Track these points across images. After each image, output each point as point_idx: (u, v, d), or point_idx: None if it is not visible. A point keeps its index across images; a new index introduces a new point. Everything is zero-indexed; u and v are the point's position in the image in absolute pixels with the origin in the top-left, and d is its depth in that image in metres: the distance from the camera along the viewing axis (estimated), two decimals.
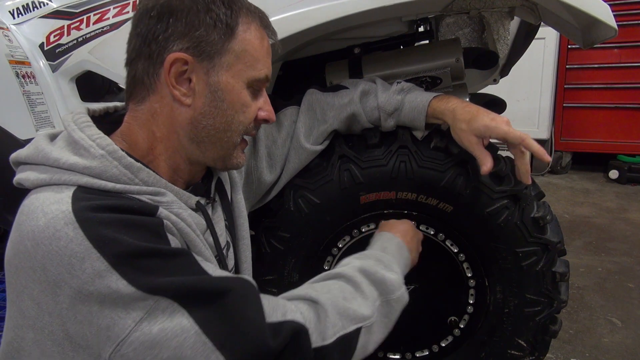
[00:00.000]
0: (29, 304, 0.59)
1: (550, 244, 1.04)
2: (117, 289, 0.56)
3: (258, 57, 0.74)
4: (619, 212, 3.08)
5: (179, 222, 0.69)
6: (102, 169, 0.64)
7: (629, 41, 3.54)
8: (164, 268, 0.59)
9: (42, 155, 0.65)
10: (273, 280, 1.12)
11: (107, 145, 0.65)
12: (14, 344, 0.62)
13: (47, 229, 0.57)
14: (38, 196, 0.62)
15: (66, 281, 0.56)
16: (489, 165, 0.90)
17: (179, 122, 0.72)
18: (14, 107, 1.25)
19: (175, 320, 0.58)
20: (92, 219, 0.57)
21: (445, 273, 1.13)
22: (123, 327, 0.57)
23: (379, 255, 0.86)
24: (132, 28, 0.72)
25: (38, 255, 0.57)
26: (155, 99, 0.71)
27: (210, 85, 0.71)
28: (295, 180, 1.07)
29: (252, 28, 0.73)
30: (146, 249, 0.58)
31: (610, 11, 1.00)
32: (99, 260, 0.56)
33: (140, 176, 0.67)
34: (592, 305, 1.98)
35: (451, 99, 0.96)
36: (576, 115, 3.86)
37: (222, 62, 0.71)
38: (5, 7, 1.38)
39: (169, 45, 0.68)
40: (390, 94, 1.00)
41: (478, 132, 0.90)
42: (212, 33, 0.69)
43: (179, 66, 0.69)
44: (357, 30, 1.21)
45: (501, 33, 1.21)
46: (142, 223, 0.61)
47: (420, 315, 1.01)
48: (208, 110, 0.72)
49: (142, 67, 0.70)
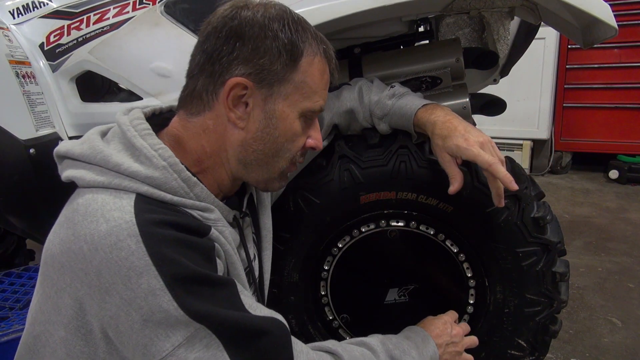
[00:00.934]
0: (70, 302, 0.60)
1: (550, 244, 1.04)
2: (167, 309, 0.57)
3: (316, 89, 0.75)
4: (619, 212, 3.08)
5: (225, 244, 0.70)
6: (163, 180, 0.65)
7: (629, 41, 3.53)
8: (212, 297, 0.61)
9: (100, 157, 0.65)
10: (273, 280, 1.12)
11: (168, 157, 0.66)
12: (41, 338, 0.63)
13: (109, 236, 0.58)
14: (95, 198, 0.62)
15: (118, 291, 0.57)
16: (456, 185, 0.90)
17: (230, 143, 0.73)
18: (14, 107, 1.25)
19: (211, 351, 0.60)
20: (155, 235, 0.58)
21: (445, 273, 1.13)
22: (160, 349, 0.58)
23: (401, 339, 0.89)
24: (198, 42, 0.73)
25: (95, 260, 0.57)
26: (211, 116, 0.72)
27: (266, 112, 0.72)
28: (295, 180, 1.07)
29: (316, 61, 0.73)
30: (200, 274, 0.60)
31: (610, 11, 1.00)
32: (155, 279, 0.57)
33: (195, 191, 0.69)
34: (592, 305, 1.98)
35: (436, 110, 0.95)
36: (576, 115, 3.85)
37: (280, 90, 0.71)
38: (5, 7, 1.38)
39: (232, 68, 0.69)
40: (382, 99, 1.00)
41: (450, 150, 0.89)
42: (275, 62, 0.70)
43: (238, 90, 0.70)
44: (357, 30, 1.20)
45: (501, 33, 1.21)
46: (197, 245, 0.63)
47: (420, 316, 1.01)
48: (260, 136, 0.73)
49: (202, 83, 0.71)
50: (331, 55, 0.77)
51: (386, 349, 0.83)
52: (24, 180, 1.24)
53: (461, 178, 0.90)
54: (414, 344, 0.88)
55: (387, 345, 0.84)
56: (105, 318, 0.58)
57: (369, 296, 1.16)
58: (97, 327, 0.60)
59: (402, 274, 1.14)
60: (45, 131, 1.31)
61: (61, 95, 1.34)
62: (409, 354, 0.84)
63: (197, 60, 0.72)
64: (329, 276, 1.15)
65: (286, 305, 1.15)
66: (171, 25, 1.22)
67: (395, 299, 1.14)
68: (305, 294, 1.16)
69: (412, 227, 1.10)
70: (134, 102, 1.24)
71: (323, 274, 1.15)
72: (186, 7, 1.25)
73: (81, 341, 0.61)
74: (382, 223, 1.11)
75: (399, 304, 1.14)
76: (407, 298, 1.14)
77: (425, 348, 0.88)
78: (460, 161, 0.91)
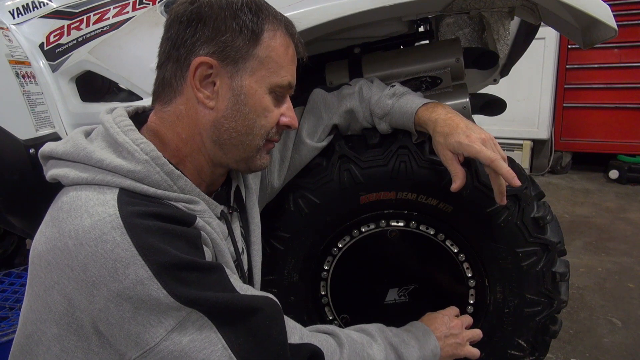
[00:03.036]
0: (59, 299, 0.60)
1: (550, 244, 1.04)
2: (157, 297, 0.57)
3: (282, 64, 0.75)
4: (619, 212, 3.08)
5: (212, 233, 0.71)
6: (145, 174, 0.66)
7: (629, 41, 3.54)
8: (201, 282, 0.61)
9: (83, 154, 0.66)
10: (273, 280, 1.12)
11: (150, 151, 0.67)
12: (33, 336, 0.63)
13: (93, 230, 0.58)
14: (79, 194, 0.63)
15: (106, 283, 0.57)
16: (459, 183, 0.90)
17: (202, 124, 0.73)
18: (14, 107, 1.25)
19: (204, 333, 0.60)
20: (139, 226, 0.59)
21: (445, 273, 1.13)
22: (154, 335, 0.59)
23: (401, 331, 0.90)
24: (164, 32, 0.74)
25: (80, 255, 0.58)
26: (181, 101, 0.73)
27: (233, 89, 0.72)
28: (295, 180, 1.07)
29: (278, 35, 0.74)
30: (187, 261, 0.60)
31: (610, 11, 1.00)
32: (142, 268, 0.57)
33: (179, 184, 0.69)
34: (592, 305, 1.98)
35: (437, 108, 0.95)
36: (576, 115, 3.86)
37: (246, 67, 0.72)
38: (5, 7, 1.38)
39: (195, 50, 0.70)
40: (382, 98, 1.00)
41: (452, 147, 0.89)
42: (237, 39, 0.71)
43: (204, 69, 0.70)
44: (357, 30, 1.21)
45: (501, 33, 1.21)
46: (183, 234, 0.63)
47: (420, 316, 1.01)
48: (230, 114, 0.73)
49: (170, 70, 0.72)
50: (293, 31, 0.78)
51: (385, 336, 0.84)
52: (24, 180, 1.24)
53: (463, 175, 0.90)
54: (414, 335, 0.88)
55: (386, 333, 0.85)
56: (95, 311, 0.58)
57: (369, 296, 1.16)
58: (87, 322, 0.60)
59: (402, 274, 1.14)
60: (45, 131, 1.31)
61: (61, 95, 1.34)
62: (408, 344, 0.85)
63: (163, 49, 0.74)
64: (329, 276, 1.15)
65: (286, 305, 1.15)
66: None
67: (395, 299, 1.14)
68: (305, 294, 1.16)
69: (412, 227, 1.10)
70: (134, 102, 1.24)
71: (323, 274, 1.15)
72: None
73: (74, 336, 0.61)
74: (382, 223, 1.11)
75: (399, 304, 1.14)
76: (407, 298, 1.14)
77: (426, 341, 0.89)
78: (462, 159, 0.91)
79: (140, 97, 1.24)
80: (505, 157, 0.88)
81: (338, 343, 0.77)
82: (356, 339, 0.79)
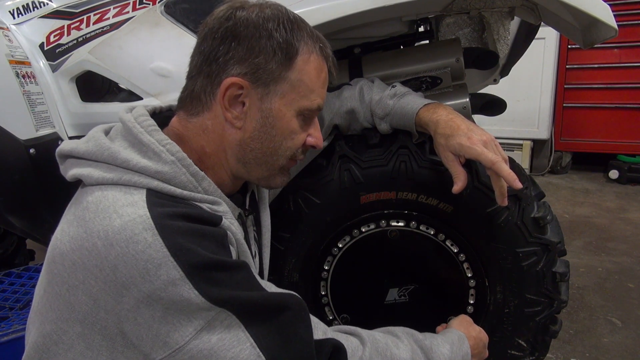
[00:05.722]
0: (84, 299, 0.60)
1: (550, 244, 1.04)
2: (188, 298, 0.58)
3: (313, 87, 0.75)
4: (619, 212, 3.08)
5: (236, 233, 0.71)
6: (173, 175, 0.66)
7: (629, 41, 3.53)
8: (230, 281, 0.62)
9: (107, 154, 0.65)
10: (273, 281, 1.12)
11: (176, 152, 0.67)
12: (52, 336, 0.63)
13: (124, 231, 0.58)
14: (106, 195, 0.62)
15: (136, 284, 0.57)
16: (460, 184, 0.90)
17: (228, 142, 0.73)
18: (14, 107, 1.25)
19: (232, 332, 0.61)
20: (170, 227, 0.59)
21: (445, 273, 1.13)
22: (183, 334, 0.59)
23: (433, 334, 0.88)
24: (196, 44, 0.74)
25: (110, 256, 0.58)
26: (209, 117, 0.73)
27: (262, 111, 0.72)
28: (296, 180, 1.07)
29: (312, 59, 0.73)
30: (216, 261, 0.61)
31: (610, 11, 1.00)
32: (174, 269, 0.57)
33: (203, 185, 0.69)
34: (592, 305, 1.98)
35: (439, 109, 0.95)
36: (576, 115, 3.85)
37: (276, 89, 0.72)
38: (5, 7, 1.38)
39: (227, 68, 0.70)
40: (383, 98, 1.00)
41: (453, 149, 0.89)
42: (270, 61, 0.70)
43: (234, 90, 0.70)
44: (357, 30, 1.21)
45: (501, 33, 1.21)
46: (211, 234, 0.64)
47: (420, 315, 1.01)
48: (257, 135, 0.73)
49: (200, 84, 0.72)
50: (328, 53, 0.77)
51: (415, 339, 0.82)
52: (24, 180, 1.24)
53: (465, 177, 0.90)
54: (447, 339, 0.86)
55: (416, 336, 0.83)
56: (123, 312, 0.58)
57: (369, 296, 1.16)
58: (112, 323, 0.60)
59: (402, 274, 1.14)
60: (45, 131, 1.31)
61: (61, 95, 1.34)
62: (438, 345, 0.83)
63: (195, 62, 0.73)
64: (329, 276, 1.15)
65: None
66: (171, 25, 1.22)
67: (396, 299, 1.14)
68: (305, 294, 1.16)
69: (412, 227, 1.10)
70: (134, 102, 1.24)
71: (323, 274, 1.15)
72: (186, 7, 1.25)
73: (98, 335, 0.61)
74: (382, 223, 1.11)
75: (399, 304, 1.14)
76: (408, 298, 1.14)
77: (460, 347, 0.87)
78: (463, 160, 0.91)
79: (140, 97, 1.24)
80: (507, 159, 0.88)
81: (361, 341, 0.76)
82: (380, 339, 0.79)
